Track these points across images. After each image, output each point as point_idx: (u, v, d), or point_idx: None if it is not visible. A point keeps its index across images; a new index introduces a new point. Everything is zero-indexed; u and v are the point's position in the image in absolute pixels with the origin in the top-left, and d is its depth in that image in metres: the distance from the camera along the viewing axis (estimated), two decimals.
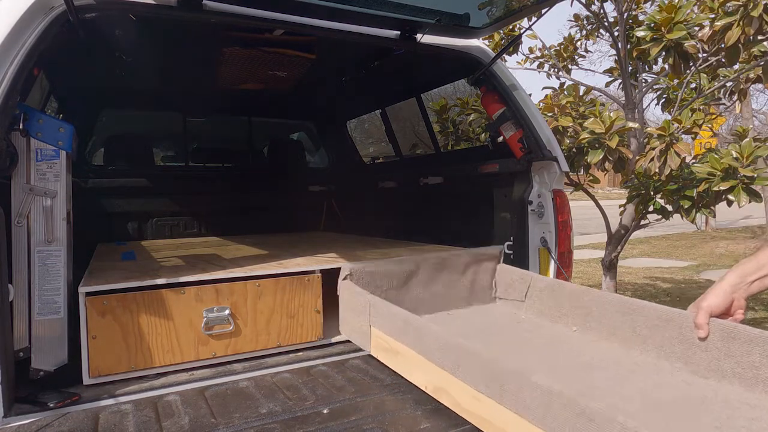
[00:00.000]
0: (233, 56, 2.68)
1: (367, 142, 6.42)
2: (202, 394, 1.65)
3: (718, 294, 1.17)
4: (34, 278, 1.66)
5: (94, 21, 1.79)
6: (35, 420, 1.46)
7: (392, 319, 1.44)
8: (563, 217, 2.35)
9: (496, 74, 2.53)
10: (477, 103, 3.93)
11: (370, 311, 1.58)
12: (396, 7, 2.11)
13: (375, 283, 1.79)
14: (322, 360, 1.93)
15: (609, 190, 20.09)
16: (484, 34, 2.56)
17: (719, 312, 1.18)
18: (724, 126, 7.33)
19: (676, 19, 3.03)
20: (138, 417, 1.49)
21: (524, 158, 2.41)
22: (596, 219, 5.12)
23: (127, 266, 2.16)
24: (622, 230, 3.84)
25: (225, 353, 1.86)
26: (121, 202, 3.46)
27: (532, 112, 2.46)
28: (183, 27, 2.29)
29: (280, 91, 3.50)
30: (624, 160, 3.30)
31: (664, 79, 4.05)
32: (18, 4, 1.61)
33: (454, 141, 4.23)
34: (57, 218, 1.70)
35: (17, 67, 1.54)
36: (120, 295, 1.71)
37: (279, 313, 1.95)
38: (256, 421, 1.45)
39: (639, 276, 7.22)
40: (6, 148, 1.56)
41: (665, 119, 3.26)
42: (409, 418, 1.46)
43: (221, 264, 2.21)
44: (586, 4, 3.96)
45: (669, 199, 3.32)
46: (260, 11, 2.02)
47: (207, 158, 4.33)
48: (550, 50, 4.54)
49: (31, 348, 1.65)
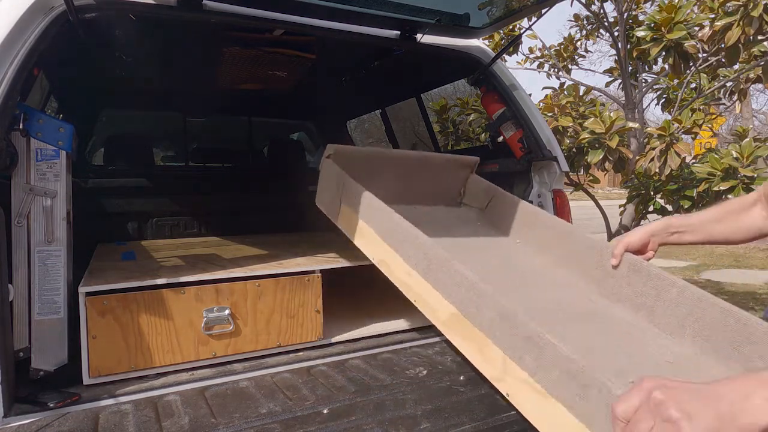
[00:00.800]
0: (233, 56, 2.68)
1: (367, 142, 6.42)
2: (202, 394, 1.65)
3: (639, 234, 1.35)
4: (34, 278, 1.66)
5: (94, 21, 1.79)
6: (35, 420, 1.46)
7: (359, 199, 1.60)
8: (563, 218, 2.35)
9: (496, 74, 2.53)
10: (477, 103, 3.93)
11: (343, 190, 1.71)
12: (396, 7, 2.11)
13: (354, 166, 1.88)
14: (322, 360, 1.93)
15: (609, 190, 20.10)
16: (484, 34, 2.56)
17: (634, 249, 1.36)
18: (724, 126, 7.34)
19: (676, 19, 3.03)
20: (138, 417, 1.49)
21: (524, 158, 2.41)
22: (596, 219, 5.13)
23: (127, 266, 2.16)
24: (622, 230, 3.84)
25: (225, 353, 1.86)
26: (121, 202, 3.46)
27: (532, 112, 2.46)
28: (183, 27, 2.29)
29: (280, 91, 3.50)
30: (624, 160, 3.30)
31: (664, 79, 4.05)
32: (18, 4, 1.61)
33: (454, 141, 4.23)
34: (57, 218, 1.70)
35: (17, 67, 1.54)
36: (120, 295, 1.71)
37: (279, 313, 1.95)
38: (256, 421, 1.45)
39: None
40: (6, 148, 1.56)
41: (665, 119, 3.27)
42: (409, 418, 1.46)
43: (221, 264, 2.21)
44: (586, 4, 3.96)
45: (669, 199, 3.32)
46: (260, 11, 2.02)
47: (207, 158, 4.32)
48: (550, 50, 4.54)
49: (31, 348, 1.65)
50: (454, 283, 1.19)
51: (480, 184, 2.09)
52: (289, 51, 2.61)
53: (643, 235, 1.34)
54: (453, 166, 2.11)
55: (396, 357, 1.95)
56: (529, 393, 0.98)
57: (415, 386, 1.66)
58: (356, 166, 1.89)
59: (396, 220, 1.44)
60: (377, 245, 1.50)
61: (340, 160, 1.85)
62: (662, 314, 1.26)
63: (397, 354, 1.97)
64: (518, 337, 1.02)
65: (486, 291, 1.11)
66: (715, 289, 6.23)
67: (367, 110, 4.46)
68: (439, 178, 2.09)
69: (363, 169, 1.91)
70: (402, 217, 1.43)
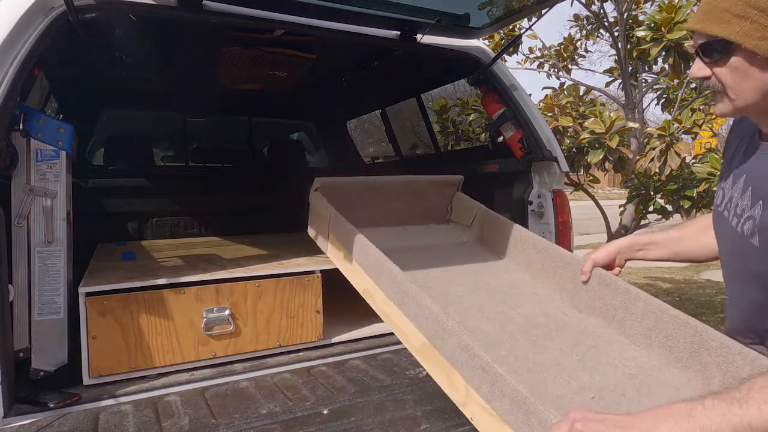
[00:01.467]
0: (233, 56, 2.68)
1: (367, 142, 6.42)
2: (202, 394, 1.65)
3: (605, 252, 1.42)
4: (34, 278, 1.66)
5: (94, 21, 1.79)
6: (35, 420, 1.46)
7: (344, 233, 1.70)
8: (563, 218, 2.35)
9: (496, 74, 2.52)
10: (477, 103, 3.93)
11: (330, 224, 1.80)
12: (396, 8, 2.11)
13: (342, 196, 1.97)
14: (322, 360, 1.93)
15: (609, 190, 20.09)
16: (484, 35, 2.56)
17: (602, 265, 1.43)
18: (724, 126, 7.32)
19: (676, 19, 3.03)
20: (138, 417, 1.49)
21: (524, 158, 2.41)
22: (596, 219, 5.13)
23: (127, 266, 2.16)
24: (622, 230, 3.84)
25: (225, 353, 1.86)
26: (121, 202, 3.46)
27: (532, 112, 2.46)
28: (183, 27, 2.29)
29: (280, 91, 3.50)
30: (624, 160, 3.30)
31: (664, 79, 4.05)
32: (18, 4, 1.61)
33: (454, 141, 4.22)
34: (57, 218, 1.70)
35: (17, 67, 1.54)
36: (120, 295, 1.71)
37: (279, 313, 1.95)
38: (256, 421, 1.45)
39: (639, 276, 7.22)
40: (6, 149, 1.56)
41: (665, 119, 3.26)
42: (409, 419, 1.46)
43: (221, 264, 2.21)
44: (586, 4, 3.96)
45: (669, 199, 3.32)
46: (260, 11, 2.02)
47: (207, 158, 4.32)
48: (550, 50, 4.54)
49: (31, 348, 1.65)
50: (423, 315, 1.28)
51: (465, 201, 2.18)
52: (289, 51, 2.61)
53: (610, 252, 1.42)
54: (438, 186, 2.21)
55: (396, 357, 1.95)
56: (488, 418, 1.07)
57: (415, 386, 1.67)
58: (344, 195, 1.98)
59: (374, 255, 1.53)
60: (361, 277, 1.59)
61: (327, 192, 1.93)
62: (631, 326, 1.35)
63: (397, 354, 1.97)
64: (476, 368, 1.10)
65: (447, 323, 1.19)
66: (715, 290, 6.23)
67: (367, 110, 4.46)
68: (425, 198, 2.18)
69: (352, 197, 2.00)
70: (381, 252, 1.52)
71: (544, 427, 0.92)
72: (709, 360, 1.16)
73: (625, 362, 1.27)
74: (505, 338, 1.34)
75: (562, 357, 1.28)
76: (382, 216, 2.09)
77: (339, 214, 1.79)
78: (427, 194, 2.18)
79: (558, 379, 1.18)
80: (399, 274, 1.41)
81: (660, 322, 1.28)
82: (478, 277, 1.73)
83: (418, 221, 2.18)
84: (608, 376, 1.21)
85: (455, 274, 1.74)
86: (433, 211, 2.21)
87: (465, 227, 2.15)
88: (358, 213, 1.94)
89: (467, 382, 1.12)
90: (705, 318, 4.93)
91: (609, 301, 1.42)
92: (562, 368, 1.22)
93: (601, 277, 1.45)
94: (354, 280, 1.66)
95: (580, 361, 1.26)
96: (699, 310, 5.25)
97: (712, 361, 1.15)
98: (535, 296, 1.61)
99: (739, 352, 1.10)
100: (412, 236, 2.09)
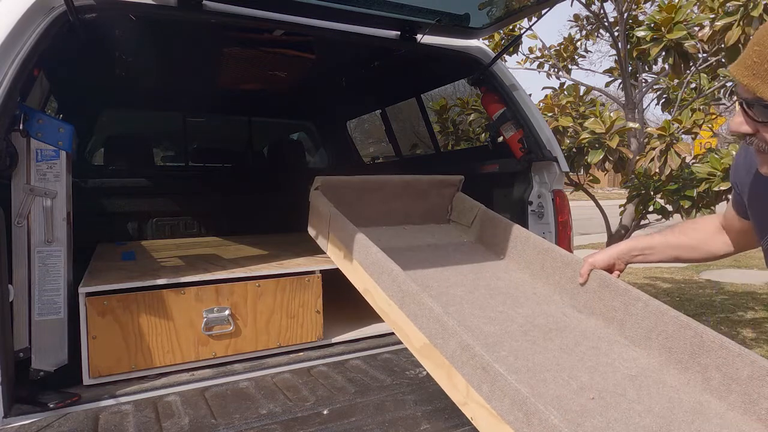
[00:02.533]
0: (233, 56, 2.68)
1: (367, 142, 6.42)
2: (202, 394, 1.65)
3: (604, 256, 1.44)
4: (34, 278, 1.66)
5: (94, 21, 1.79)
6: (35, 420, 1.46)
7: (344, 232, 1.70)
8: (563, 218, 2.35)
9: (496, 74, 2.52)
10: (477, 103, 3.93)
11: (330, 223, 1.80)
12: (396, 8, 2.11)
13: (343, 194, 1.97)
14: (322, 360, 1.93)
15: (609, 190, 20.08)
16: (484, 35, 2.56)
17: (601, 268, 1.45)
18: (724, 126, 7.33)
19: (676, 19, 3.02)
20: (138, 417, 1.49)
21: (524, 158, 2.41)
22: (596, 219, 5.12)
23: (127, 266, 2.16)
24: (622, 230, 3.84)
25: (225, 353, 1.86)
26: (121, 202, 3.46)
27: (532, 112, 2.46)
28: (183, 27, 2.29)
29: (280, 91, 3.50)
30: (624, 160, 3.30)
31: (664, 79, 4.04)
32: (18, 4, 1.61)
33: (454, 141, 4.22)
34: (57, 218, 1.70)
35: (17, 67, 1.54)
36: (120, 296, 1.71)
37: (279, 313, 1.95)
38: (256, 421, 1.45)
39: (639, 276, 7.22)
40: (6, 149, 1.55)
41: (665, 119, 3.26)
42: (409, 419, 1.46)
43: (221, 264, 2.21)
44: (586, 4, 3.96)
45: (669, 199, 3.32)
46: (260, 11, 2.02)
47: (207, 158, 4.32)
48: (550, 50, 4.53)
49: (31, 348, 1.65)
50: (424, 315, 1.28)
51: (465, 201, 2.18)
52: (289, 51, 2.61)
53: (608, 257, 1.44)
54: (438, 186, 2.21)
55: (396, 357, 1.95)
56: (488, 417, 1.07)
57: (415, 386, 1.67)
58: (345, 194, 1.98)
59: (374, 254, 1.53)
60: (361, 276, 1.59)
61: (328, 191, 1.93)
62: (631, 327, 1.36)
63: (397, 354, 1.97)
64: (476, 368, 1.11)
65: (449, 323, 1.20)
66: (715, 290, 6.23)
67: (367, 110, 4.46)
68: (426, 198, 2.19)
69: (352, 196, 2.00)
70: (381, 251, 1.52)
71: (544, 427, 0.92)
72: (708, 361, 1.17)
73: (625, 363, 1.27)
74: (505, 338, 1.35)
75: (562, 357, 1.28)
76: (382, 215, 2.10)
77: (339, 212, 1.80)
78: (428, 194, 2.19)
79: (558, 379, 1.18)
80: (400, 273, 1.41)
81: (660, 324, 1.29)
82: (478, 277, 1.74)
83: (418, 221, 2.18)
84: (608, 377, 1.21)
85: (455, 274, 1.74)
86: (434, 211, 2.21)
87: (465, 227, 2.15)
88: (358, 212, 1.95)
89: (468, 381, 1.13)
90: (704, 318, 4.93)
91: (609, 302, 1.42)
92: (562, 368, 1.23)
93: (602, 278, 1.46)
94: (354, 279, 1.66)
95: (580, 362, 1.27)
96: (699, 311, 5.25)
97: (712, 362, 1.16)
98: (535, 296, 1.61)
99: (739, 354, 1.11)
100: (412, 236, 2.09)
